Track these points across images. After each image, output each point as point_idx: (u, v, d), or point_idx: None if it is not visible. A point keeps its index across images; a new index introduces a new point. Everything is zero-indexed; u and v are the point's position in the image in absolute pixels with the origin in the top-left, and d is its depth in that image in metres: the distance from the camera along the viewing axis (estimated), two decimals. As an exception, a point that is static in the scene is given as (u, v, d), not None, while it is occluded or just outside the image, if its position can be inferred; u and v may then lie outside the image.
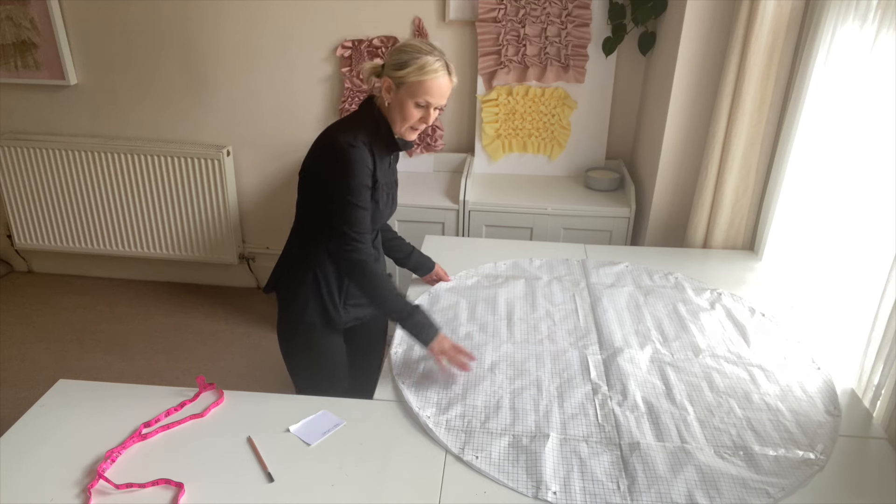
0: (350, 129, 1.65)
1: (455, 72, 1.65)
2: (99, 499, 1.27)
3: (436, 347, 1.63)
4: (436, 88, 1.60)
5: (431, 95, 1.60)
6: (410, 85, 1.59)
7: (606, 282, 2.13)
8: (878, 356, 1.60)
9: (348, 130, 1.64)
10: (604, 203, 2.78)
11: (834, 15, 1.94)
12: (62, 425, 1.46)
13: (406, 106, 1.61)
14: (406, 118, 1.63)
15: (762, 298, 2.07)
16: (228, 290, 3.63)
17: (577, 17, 2.81)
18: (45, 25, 3.08)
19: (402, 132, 1.67)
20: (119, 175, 3.32)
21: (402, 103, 1.62)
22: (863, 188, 1.82)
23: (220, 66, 3.14)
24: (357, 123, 1.67)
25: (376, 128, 1.67)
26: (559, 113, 2.98)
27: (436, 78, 1.59)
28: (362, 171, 1.61)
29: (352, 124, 1.67)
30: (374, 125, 1.67)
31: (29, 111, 3.35)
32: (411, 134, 1.68)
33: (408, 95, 1.60)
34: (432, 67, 1.58)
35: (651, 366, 1.71)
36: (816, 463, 1.41)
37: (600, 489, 1.32)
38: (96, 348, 3.11)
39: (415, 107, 1.61)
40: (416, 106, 1.61)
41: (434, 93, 1.60)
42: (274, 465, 1.36)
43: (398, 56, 1.60)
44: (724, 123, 2.26)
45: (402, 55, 1.59)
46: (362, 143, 1.62)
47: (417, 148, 3.12)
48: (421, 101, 1.60)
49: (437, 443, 1.44)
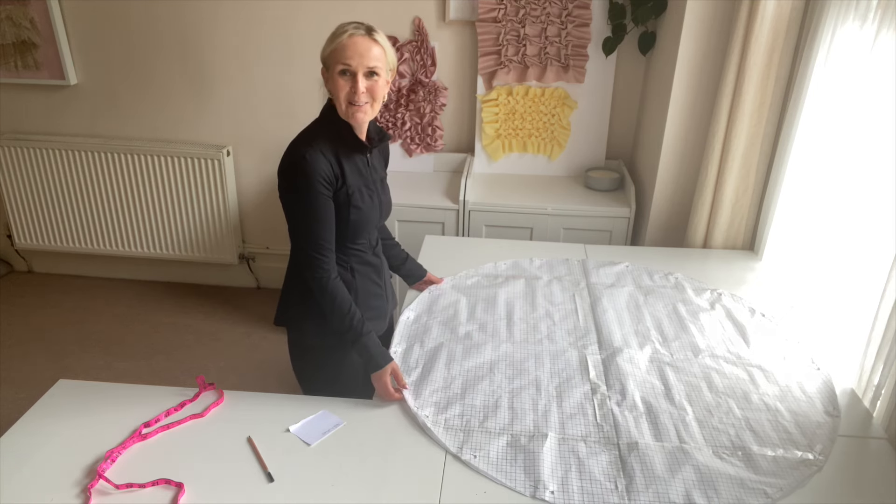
0: (308, 137, 1.59)
1: (382, 35, 1.56)
2: (99, 499, 1.27)
3: (375, 377, 1.58)
4: (350, 48, 1.50)
5: (347, 57, 1.51)
6: (329, 59, 1.54)
7: (606, 282, 2.13)
8: (878, 356, 1.60)
9: (305, 139, 1.58)
10: (604, 203, 2.78)
11: (834, 15, 1.94)
12: (62, 425, 1.46)
13: (334, 82, 1.54)
14: (336, 93, 1.55)
15: (762, 298, 2.07)
16: (228, 290, 3.63)
17: (577, 17, 2.81)
18: (45, 25, 3.09)
19: (345, 114, 1.57)
20: (119, 175, 3.32)
21: (331, 81, 1.55)
22: (863, 188, 1.82)
23: (220, 66, 3.14)
24: (316, 129, 1.62)
25: (336, 130, 1.61)
26: (559, 113, 2.98)
27: (346, 37, 1.51)
28: (316, 182, 1.53)
29: (310, 132, 1.62)
30: (333, 128, 1.61)
31: (29, 111, 3.35)
32: (356, 112, 1.56)
33: (332, 71, 1.54)
34: (341, 30, 1.52)
35: (650, 366, 1.71)
36: (815, 463, 1.41)
37: (598, 489, 1.32)
38: (96, 348, 3.11)
39: (339, 76, 1.53)
40: (340, 76, 1.53)
41: (349, 53, 1.50)
42: (274, 465, 1.36)
43: None
44: (724, 123, 2.26)
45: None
46: (319, 149, 1.55)
47: (417, 148, 3.12)
48: (341, 67, 1.52)
49: (437, 442, 1.44)
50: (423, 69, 3.00)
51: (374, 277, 1.78)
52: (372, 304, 1.78)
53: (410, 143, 3.12)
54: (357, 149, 1.64)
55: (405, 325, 1.88)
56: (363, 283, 1.75)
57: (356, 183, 1.63)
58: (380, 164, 1.78)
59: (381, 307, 1.82)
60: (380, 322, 1.82)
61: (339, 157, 1.60)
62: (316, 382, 1.77)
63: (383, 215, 1.78)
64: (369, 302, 1.77)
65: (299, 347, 1.77)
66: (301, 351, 1.78)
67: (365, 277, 1.75)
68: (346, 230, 1.64)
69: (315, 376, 1.78)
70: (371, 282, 1.77)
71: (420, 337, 1.82)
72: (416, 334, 1.83)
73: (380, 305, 1.81)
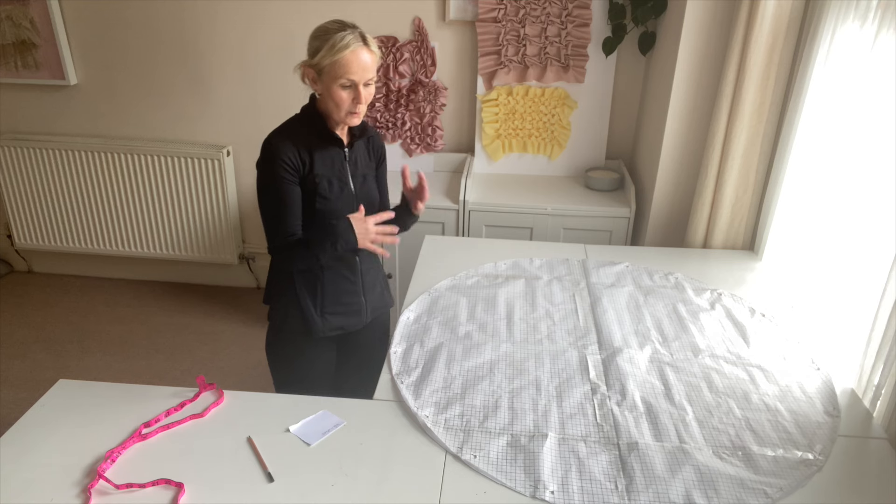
0: (281, 127, 1.66)
1: (374, 42, 1.58)
2: (99, 499, 1.27)
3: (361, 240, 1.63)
4: (354, 63, 1.53)
5: (351, 72, 1.54)
6: (328, 68, 1.54)
7: (606, 282, 2.13)
8: (878, 356, 1.60)
9: (278, 129, 1.65)
10: (604, 203, 2.78)
11: (834, 15, 1.94)
12: (62, 425, 1.46)
13: (333, 91, 1.56)
14: (339, 104, 1.58)
15: (762, 298, 2.07)
16: (228, 290, 3.63)
17: (577, 17, 2.81)
18: (45, 25, 3.09)
19: (343, 119, 1.62)
20: (119, 175, 3.32)
21: (329, 90, 1.57)
22: (863, 188, 1.82)
23: (220, 65, 3.14)
24: (291, 122, 1.68)
25: (310, 120, 1.65)
26: (559, 113, 2.98)
27: (349, 53, 1.52)
28: (278, 165, 1.59)
29: (285, 124, 1.67)
30: (308, 118, 1.65)
31: (29, 111, 3.35)
32: (353, 119, 1.62)
33: (331, 80, 1.55)
34: (343, 43, 1.52)
35: (650, 366, 1.71)
36: (815, 463, 1.41)
37: (598, 489, 1.32)
38: (96, 348, 3.11)
39: (342, 89, 1.56)
40: (342, 88, 1.56)
41: (353, 68, 1.54)
42: (274, 465, 1.36)
43: (311, 44, 1.58)
44: (724, 123, 2.26)
45: (314, 42, 1.57)
46: (288, 138, 1.61)
47: (417, 148, 3.12)
48: (344, 82, 1.55)
49: (437, 442, 1.44)
50: (423, 69, 3.00)
51: (347, 274, 1.79)
52: (343, 300, 1.79)
53: (410, 143, 3.12)
54: (332, 142, 1.67)
55: (405, 325, 1.88)
56: (332, 278, 1.76)
57: (325, 173, 1.66)
58: (365, 161, 1.78)
59: (354, 303, 1.82)
60: (353, 318, 1.83)
61: (310, 147, 1.63)
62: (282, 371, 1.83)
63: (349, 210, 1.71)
64: (340, 298, 1.78)
65: (273, 335, 1.82)
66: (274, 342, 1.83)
67: (335, 273, 1.76)
68: (313, 220, 1.67)
69: (283, 364, 1.83)
70: (343, 277, 1.78)
71: (420, 337, 1.82)
72: (416, 334, 1.83)
73: (352, 301, 1.82)
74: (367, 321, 1.88)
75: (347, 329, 1.84)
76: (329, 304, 1.77)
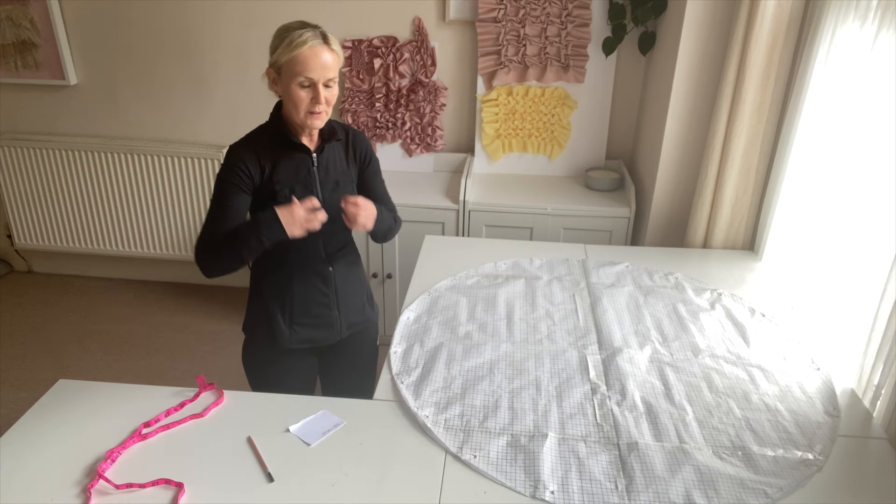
0: (247, 136, 1.65)
1: (336, 42, 1.54)
2: (99, 499, 1.27)
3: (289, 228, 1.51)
4: (311, 60, 1.49)
5: (309, 69, 1.49)
6: (285, 66, 1.51)
7: (606, 282, 2.13)
8: (878, 356, 1.60)
9: (243, 137, 1.64)
10: (604, 203, 2.78)
11: (834, 15, 1.94)
12: (62, 425, 1.46)
13: (292, 91, 1.52)
14: (297, 104, 1.53)
15: (762, 298, 2.07)
16: (228, 290, 3.63)
17: (577, 17, 2.81)
18: (45, 25, 3.09)
19: (302, 121, 1.56)
20: (119, 175, 3.32)
21: (288, 89, 1.53)
22: (863, 188, 1.82)
23: (220, 66, 3.14)
24: (258, 128, 1.66)
25: (275, 127, 1.62)
26: (559, 113, 2.98)
27: (307, 49, 1.48)
28: (230, 170, 1.58)
29: (252, 131, 1.66)
30: (273, 125, 1.63)
31: (29, 111, 3.35)
32: (314, 120, 1.56)
33: (288, 79, 1.51)
34: (300, 40, 1.48)
35: (650, 366, 1.71)
36: (815, 463, 1.41)
37: (598, 489, 1.32)
38: (96, 348, 3.11)
39: (300, 88, 1.51)
40: (300, 87, 1.51)
41: (311, 65, 1.49)
42: (274, 465, 1.36)
43: (272, 43, 1.54)
44: (724, 123, 2.26)
45: (274, 40, 1.54)
46: (249, 145, 1.60)
47: (417, 148, 3.12)
48: (302, 80, 1.50)
49: (437, 442, 1.44)
50: (423, 69, 3.00)
51: (319, 285, 1.74)
52: (313, 312, 1.75)
53: (410, 143, 3.12)
54: (296, 148, 1.63)
55: (405, 325, 1.88)
56: (303, 289, 1.72)
57: (287, 180, 1.62)
58: (341, 166, 1.71)
59: (326, 316, 1.77)
60: (324, 331, 1.78)
61: (274, 155, 1.61)
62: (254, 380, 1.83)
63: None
64: (310, 309, 1.75)
65: (246, 344, 1.82)
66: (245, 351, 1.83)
67: (306, 283, 1.72)
68: None
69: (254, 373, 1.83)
70: (314, 289, 1.74)
71: (420, 337, 1.82)
72: (416, 334, 1.83)
73: (323, 314, 1.77)
74: (344, 336, 1.83)
75: (319, 342, 1.79)
76: (298, 314, 1.73)
